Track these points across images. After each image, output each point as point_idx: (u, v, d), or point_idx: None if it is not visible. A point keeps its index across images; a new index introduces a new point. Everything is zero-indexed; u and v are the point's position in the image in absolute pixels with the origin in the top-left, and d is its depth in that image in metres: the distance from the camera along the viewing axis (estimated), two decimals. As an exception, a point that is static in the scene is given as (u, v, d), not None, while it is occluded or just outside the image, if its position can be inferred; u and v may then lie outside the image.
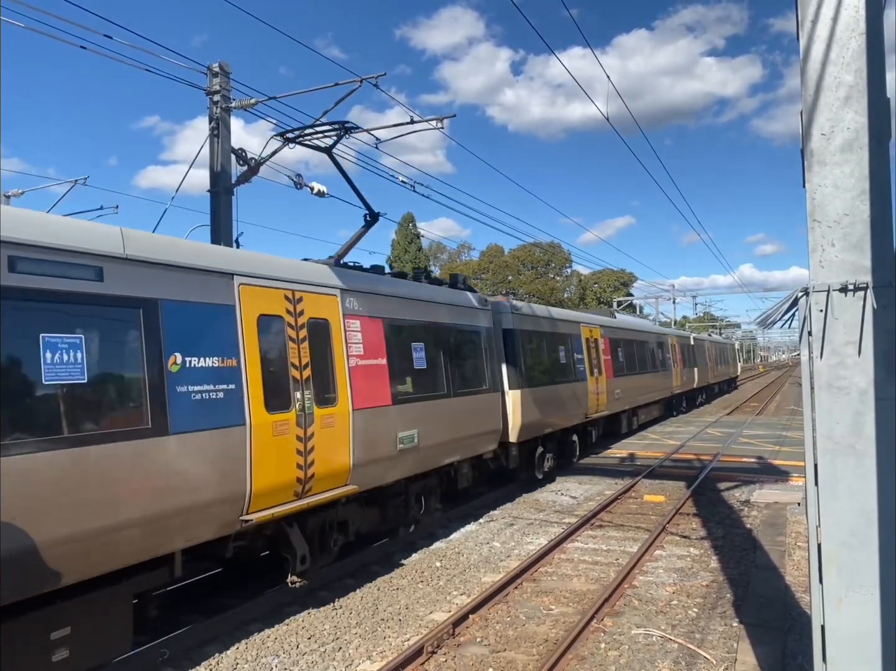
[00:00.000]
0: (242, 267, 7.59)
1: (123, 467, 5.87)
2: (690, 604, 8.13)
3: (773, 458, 18.16)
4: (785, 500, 13.22)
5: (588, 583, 8.95)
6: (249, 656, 6.94)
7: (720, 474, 16.12)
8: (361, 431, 8.90)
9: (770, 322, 4.38)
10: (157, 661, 6.71)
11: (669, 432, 25.38)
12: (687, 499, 13.56)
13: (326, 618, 7.91)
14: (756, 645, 6.75)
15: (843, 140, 3.87)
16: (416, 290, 11.18)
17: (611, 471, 17.21)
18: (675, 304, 55.86)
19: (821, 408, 3.91)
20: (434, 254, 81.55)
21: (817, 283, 3.91)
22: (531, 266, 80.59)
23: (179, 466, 6.39)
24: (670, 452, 19.71)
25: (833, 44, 3.91)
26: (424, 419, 10.43)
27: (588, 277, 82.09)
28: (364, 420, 8.98)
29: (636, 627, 7.42)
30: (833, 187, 3.89)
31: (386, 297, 10.11)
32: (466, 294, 13.07)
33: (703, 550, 10.33)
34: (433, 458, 10.87)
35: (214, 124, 12.79)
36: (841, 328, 3.86)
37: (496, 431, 13.07)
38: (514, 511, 13.28)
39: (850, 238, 3.84)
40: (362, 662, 6.75)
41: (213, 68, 12.82)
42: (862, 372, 3.81)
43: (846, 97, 3.87)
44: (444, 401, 11.16)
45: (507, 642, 7.14)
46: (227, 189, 12.96)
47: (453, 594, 8.67)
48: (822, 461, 3.91)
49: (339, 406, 8.59)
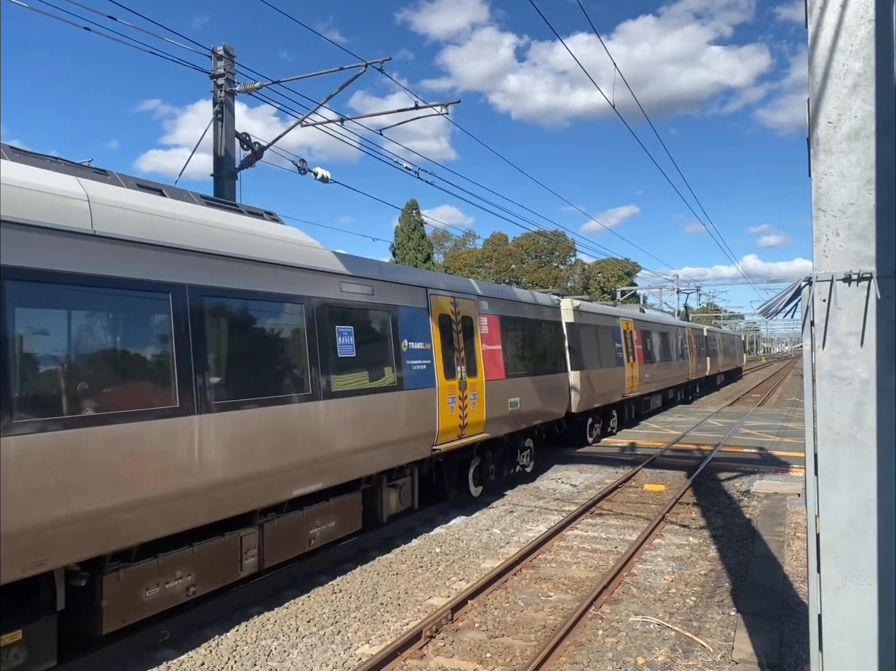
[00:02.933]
0: (430, 282, 11.22)
1: (383, 409, 9.42)
2: (688, 592, 8.16)
3: (773, 449, 18.17)
4: (785, 491, 13.24)
5: (587, 571, 8.98)
6: (249, 638, 6.99)
7: (721, 464, 16.13)
8: (490, 396, 12.43)
9: (773, 311, 4.36)
10: (157, 642, 6.76)
11: (671, 422, 25.40)
12: (687, 488, 13.58)
13: (326, 602, 7.95)
14: (753, 633, 6.78)
15: (850, 128, 3.84)
16: (515, 294, 14.94)
17: (611, 459, 17.24)
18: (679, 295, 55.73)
19: (822, 398, 3.91)
20: (438, 241, 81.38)
21: (821, 272, 3.89)
22: (535, 254, 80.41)
23: (410, 410, 10.00)
24: (671, 442, 19.72)
25: (841, 31, 3.88)
26: (523, 390, 13.87)
27: (592, 267, 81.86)
28: (491, 388, 12.51)
29: (634, 615, 7.45)
30: (839, 176, 3.86)
31: (499, 300, 13.60)
32: (545, 295, 17.15)
33: (703, 539, 10.35)
34: (527, 419, 14.30)
35: (218, 108, 12.74)
36: (844, 318, 3.84)
37: (564, 402, 16.80)
38: (514, 498, 13.31)
39: (854, 227, 3.82)
40: (361, 646, 6.79)
41: (218, 51, 12.76)
42: (864, 362, 3.80)
43: (854, 85, 3.84)
44: (534, 377, 14.64)
45: (505, 628, 7.18)
46: (230, 173, 12.93)
47: (452, 580, 8.71)
48: (823, 451, 3.91)
49: (479, 378, 12.19)
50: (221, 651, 6.71)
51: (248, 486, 7.16)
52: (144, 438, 6.09)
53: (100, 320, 6.13)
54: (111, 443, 5.81)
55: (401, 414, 9.81)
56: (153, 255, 6.40)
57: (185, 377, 6.50)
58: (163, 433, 6.25)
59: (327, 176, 13.79)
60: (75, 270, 5.69)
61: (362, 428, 8.93)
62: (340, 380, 8.62)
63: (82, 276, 5.75)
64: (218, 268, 7.07)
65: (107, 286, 5.96)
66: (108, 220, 6.09)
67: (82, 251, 5.78)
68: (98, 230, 5.96)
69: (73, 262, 5.69)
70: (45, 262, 5.48)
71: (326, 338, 8.44)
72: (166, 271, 6.49)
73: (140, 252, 6.29)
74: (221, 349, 7.20)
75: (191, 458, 6.51)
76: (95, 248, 5.91)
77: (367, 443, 9.04)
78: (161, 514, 6.25)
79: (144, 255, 6.32)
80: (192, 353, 6.61)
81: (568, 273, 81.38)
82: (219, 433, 6.79)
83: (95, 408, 5.75)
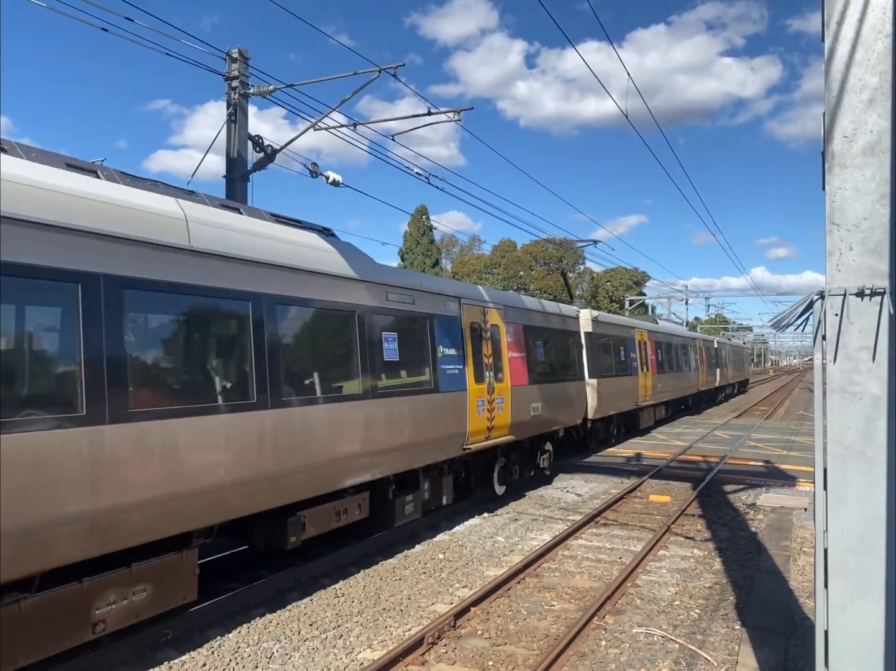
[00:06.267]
0: (462, 292, 12.03)
1: (423, 409, 10.17)
2: (693, 605, 8.11)
3: (780, 463, 18.07)
4: (791, 505, 13.16)
5: (591, 581, 8.94)
6: (251, 640, 6.98)
7: (727, 476, 16.05)
8: (515, 401, 13.06)
9: (784, 325, 4.35)
10: (160, 642, 6.76)
11: (677, 433, 25.31)
12: (693, 500, 13.52)
13: (328, 606, 7.94)
14: (758, 648, 6.73)
15: (866, 143, 3.83)
16: (538, 304, 15.61)
17: (617, 469, 17.18)
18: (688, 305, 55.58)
19: (832, 413, 3.88)
20: (446, 247, 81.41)
21: (834, 286, 3.87)
22: (543, 262, 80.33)
23: (445, 411, 10.83)
24: (677, 453, 19.65)
25: (858, 45, 3.86)
26: (544, 396, 14.49)
27: (601, 275, 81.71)
28: (516, 393, 13.15)
29: (637, 626, 7.41)
30: (853, 190, 3.85)
31: (523, 309, 14.31)
32: (566, 305, 17.96)
33: (708, 552, 10.30)
34: (548, 425, 14.94)
35: (232, 110, 12.81)
36: (856, 333, 3.82)
37: (582, 409, 17.57)
38: (518, 506, 13.28)
39: (868, 242, 3.80)
40: (363, 650, 6.78)
41: (232, 54, 12.83)
42: (876, 378, 3.78)
43: (870, 100, 3.82)
44: (555, 384, 15.39)
45: (507, 636, 7.15)
46: (242, 175, 12.98)
47: (455, 586, 8.69)
48: (832, 466, 3.88)
49: (505, 383, 12.79)
50: (223, 652, 6.71)
51: (297, 478, 7.90)
52: (237, 426, 7.00)
53: (194, 323, 7.00)
54: (222, 426, 6.81)
55: (437, 414, 10.63)
56: (236, 267, 7.22)
57: (261, 375, 7.33)
58: (246, 422, 7.12)
59: (339, 180, 13.84)
60: (176, 280, 6.49)
61: (406, 426, 9.81)
62: (385, 382, 9.50)
63: (181, 286, 6.56)
64: (286, 278, 7.87)
65: (200, 294, 6.78)
66: (202, 237, 6.88)
67: (181, 264, 6.58)
68: (194, 246, 6.78)
69: (174, 273, 6.48)
70: (152, 272, 6.27)
71: (374, 344, 9.28)
72: (247, 281, 7.31)
73: (227, 264, 7.11)
74: (290, 351, 8.07)
75: (274, 446, 7.40)
76: (192, 261, 6.72)
77: (412, 439, 9.92)
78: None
79: (230, 266, 7.15)
80: (267, 355, 7.43)
81: (577, 281, 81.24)
82: (287, 426, 7.66)
83: (195, 400, 6.62)
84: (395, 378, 9.73)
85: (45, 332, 5.83)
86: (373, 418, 9.03)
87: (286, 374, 7.70)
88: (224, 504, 6.85)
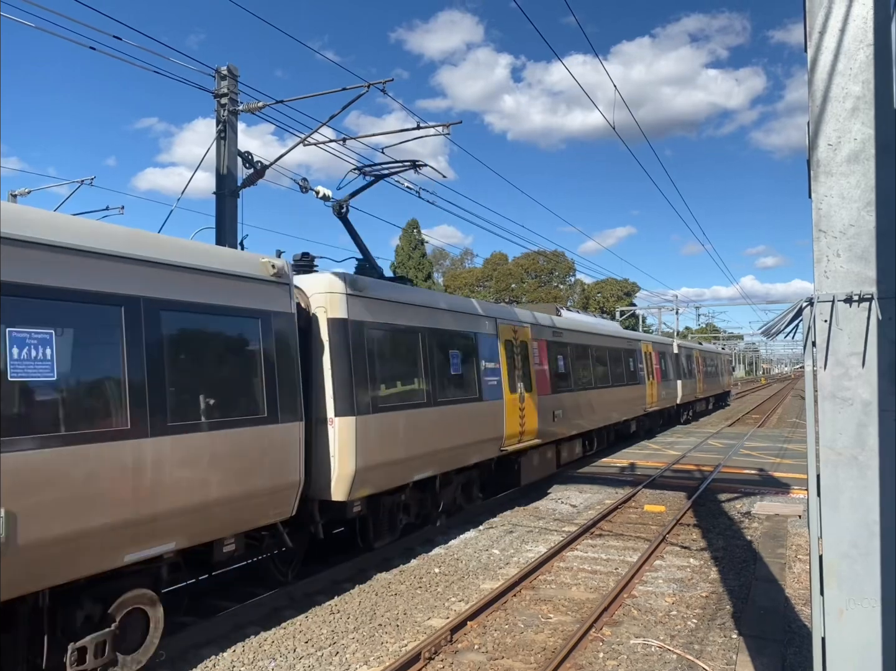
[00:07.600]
0: (498, 313, 13.91)
1: (466, 416, 11.80)
2: (690, 614, 8.09)
3: (774, 471, 18.10)
4: (786, 513, 13.17)
5: (587, 592, 8.91)
6: (246, 659, 6.92)
7: (721, 485, 16.06)
8: (541, 408, 14.78)
9: (774, 332, 4.37)
10: (154, 663, 6.69)
11: (670, 442, 25.32)
12: (687, 509, 13.51)
13: (324, 623, 7.88)
14: (755, 657, 6.71)
15: (850, 151, 3.87)
16: (554, 321, 17.26)
17: (611, 480, 17.16)
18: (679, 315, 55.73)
19: (824, 419, 3.90)
20: (436, 260, 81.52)
21: (822, 293, 3.90)
22: (535, 274, 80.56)
23: (486, 417, 12.46)
24: (671, 463, 19.65)
25: (841, 55, 3.91)
26: (561, 404, 16.37)
27: (591, 287, 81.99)
28: (541, 401, 14.87)
29: (635, 637, 7.38)
30: (839, 198, 3.89)
31: (545, 327, 16.21)
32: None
33: (703, 561, 10.28)
34: (567, 430, 16.93)
35: (221, 127, 12.82)
36: (845, 339, 3.85)
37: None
38: (513, 518, 13.24)
39: (855, 249, 3.84)
40: (359, 667, 6.72)
41: (222, 71, 12.85)
42: (866, 383, 3.80)
43: (853, 108, 3.87)
44: (574, 393, 17.30)
45: (504, 650, 7.11)
46: (232, 192, 12.98)
47: (451, 600, 8.64)
48: (825, 472, 3.89)
49: (532, 392, 14.49)
50: (218, 672, 6.64)
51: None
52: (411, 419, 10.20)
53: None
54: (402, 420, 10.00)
55: (481, 419, 12.35)
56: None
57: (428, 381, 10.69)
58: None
59: (329, 194, 13.83)
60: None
61: (458, 429, 11.58)
62: (448, 392, 11.43)
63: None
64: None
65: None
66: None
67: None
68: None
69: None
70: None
71: (438, 359, 11.23)
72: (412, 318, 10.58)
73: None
74: (444, 366, 11.23)
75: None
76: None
77: (463, 441, 11.74)
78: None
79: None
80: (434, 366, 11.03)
81: (567, 293, 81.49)
82: (443, 419, 10.97)
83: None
84: (452, 388, 11.66)
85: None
86: (451, 420, 11.29)
87: (440, 383, 10.98)
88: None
